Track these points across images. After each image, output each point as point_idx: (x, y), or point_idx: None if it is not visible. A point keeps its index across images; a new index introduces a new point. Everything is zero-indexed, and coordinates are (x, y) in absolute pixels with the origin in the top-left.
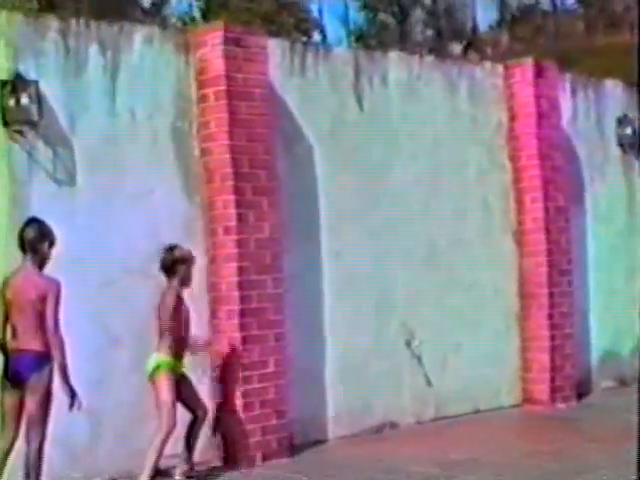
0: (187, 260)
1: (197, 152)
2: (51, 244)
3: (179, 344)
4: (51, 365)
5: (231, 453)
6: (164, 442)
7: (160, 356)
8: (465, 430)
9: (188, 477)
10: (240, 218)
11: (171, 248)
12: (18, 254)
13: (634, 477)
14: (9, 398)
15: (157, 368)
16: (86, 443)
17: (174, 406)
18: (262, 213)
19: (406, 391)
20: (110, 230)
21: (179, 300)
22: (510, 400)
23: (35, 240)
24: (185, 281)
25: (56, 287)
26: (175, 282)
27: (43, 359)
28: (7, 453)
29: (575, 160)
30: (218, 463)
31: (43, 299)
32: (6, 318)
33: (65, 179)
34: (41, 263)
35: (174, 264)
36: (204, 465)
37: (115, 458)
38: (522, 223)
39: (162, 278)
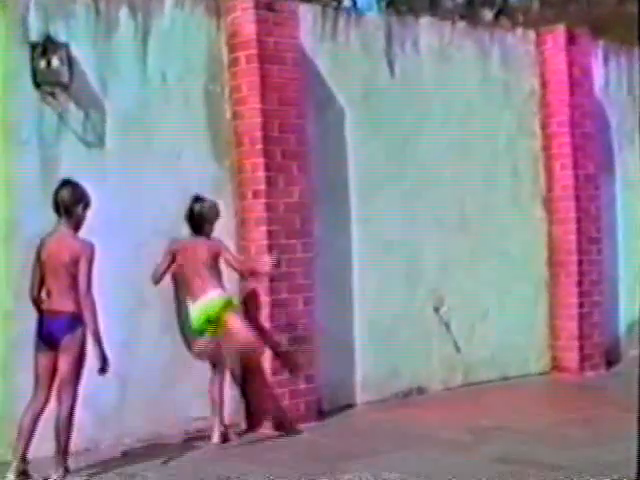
0: (208, 213)
1: (228, 115)
2: (86, 206)
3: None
4: (84, 327)
5: (259, 416)
6: (242, 346)
7: (222, 295)
8: (493, 397)
9: (224, 440)
10: (269, 182)
11: (198, 199)
12: (51, 216)
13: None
14: (43, 359)
15: (226, 306)
16: (115, 405)
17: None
18: (292, 177)
19: (434, 357)
20: (140, 192)
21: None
22: (538, 367)
23: (70, 202)
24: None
25: (90, 249)
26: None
27: (76, 320)
28: (39, 414)
29: (606, 128)
30: (245, 426)
31: (77, 261)
32: (41, 279)
33: (96, 141)
34: (76, 225)
35: (201, 218)
36: (233, 427)
37: (144, 421)
38: (551, 190)
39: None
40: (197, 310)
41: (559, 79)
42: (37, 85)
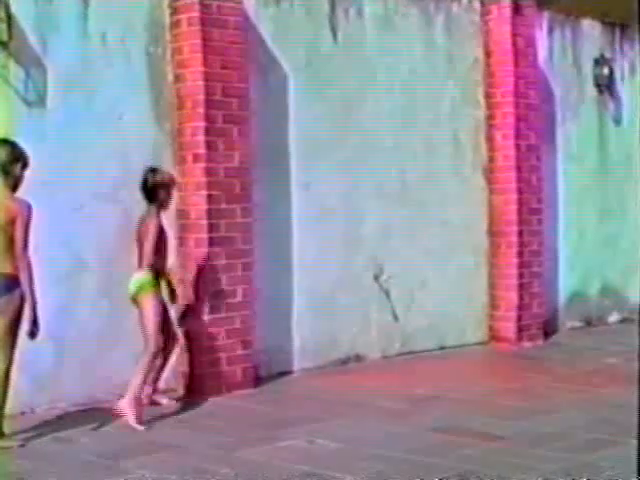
0: (168, 184)
1: (170, 78)
2: (24, 166)
3: (160, 268)
4: (21, 289)
5: (196, 382)
6: (150, 363)
7: (144, 276)
8: (431, 366)
9: (152, 403)
10: (209, 146)
11: (151, 170)
12: None
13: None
14: None
15: (141, 288)
16: (51, 369)
17: (159, 328)
18: (232, 141)
19: (373, 325)
20: (79, 154)
21: (160, 224)
22: (476, 337)
23: (7, 161)
24: (164, 205)
25: (27, 210)
26: (155, 206)
27: (13, 282)
28: None
29: (550, 99)
30: (183, 391)
31: (13, 222)
32: None
33: (36, 100)
34: (14, 185)
35: (155, 188)
36: (169, 393)
37: (81, 385)
38: (493, 160)
39: (130, 204)
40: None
41: (503, 49)
42: None
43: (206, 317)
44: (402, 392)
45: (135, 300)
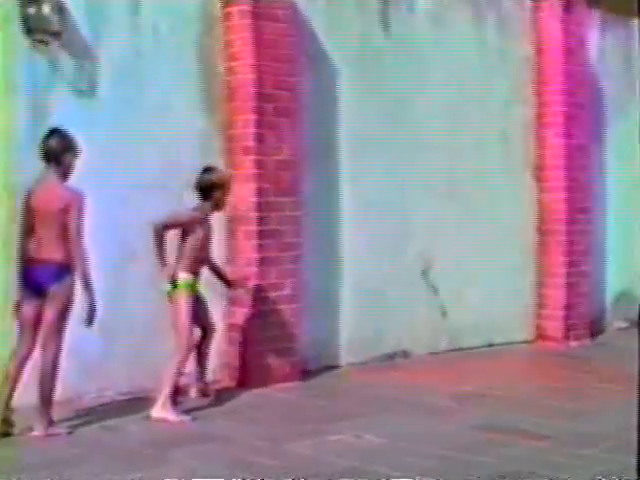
0: (222, 186)
1: (221, 70)
2: (75, 155)
3: (199, 264)
4: (72, 277)
5: (243, 374)
6: (182, 363)
7: (181, 276)
8: (477, 363)
9: (203, 395)
10: (259, 139)
11: (209, 169)
12: (40, 164)
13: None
14: (28, 307)
15: (177, 288)
16: (99, 357)
17: (192, 329)
18: (282, 134)
19: (420, 321)
20: (129, 144)
21: (205, 221)
22: (523, 335)
23: (59, 151)
24: (219, 205)
25: (80, 199)
26: (208, 205)
27: (65, 270)
28: (24, 362)
29: (599, 98)
30: (231, 383)
31: (67, 211)
32: (30, 228)
33: (87, 90)
34: (65, 174)
35: (211, 188)
36: (216, 385)
37: (127, 373)
38: (542, 159)
39: (179, 194)
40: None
41: (554, 47)
42: (28, 32)
43: (254, 309)
44: (448, 389)
45: (170, 297)
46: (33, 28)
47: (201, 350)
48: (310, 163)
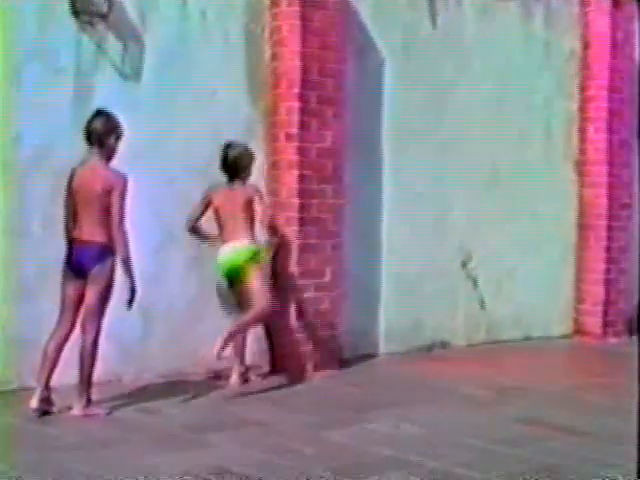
0: (246, 159)
1: (267, 56)
2: (118, 137)
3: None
4: (113, 258)
5: (282, 361)
6: (253, 320)
7: (248, 246)
8: (516, 356)
9: (244, 381)
10: (303, 126)
11: (229, 145)
12: (83, 145)
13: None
14: (70, 287)
15: (250, 259)
16: (139, 340)
17: (268, 291)
18: (326, 122)
19: (459, 312)
20: (173, 128)
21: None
22: (561, 330)
23: (103, 132)
24: (244, 179)
25: (123, 181)
26: (239, 180)
27: (106, 251)
28: (63, 342)
29: None
30: (269, 369)
31: (109, 192)
32: (73, 209)
33: (132, 74)
34: (108, 156)
35: (236, 163)
36: (255, 369)
37: (167, 356)
38: (584, 153)
39: (221, 179)
40: (224, 255)
41: (601, 42)
42: (75, 14)
43: (294, 296)
44: (487, 381)
45: (236, 270)
46: (80, 10)
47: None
48: (353, 152)
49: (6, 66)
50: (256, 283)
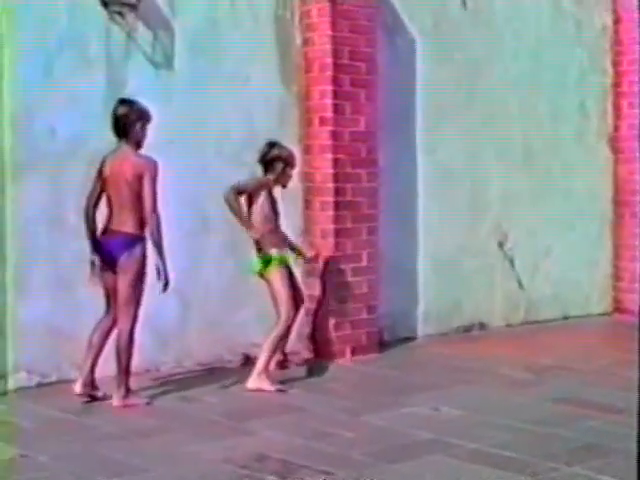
0: (285, 160)
1: (298, 41)
2: (145, 124)
3: (279, 237)
4: (144, 246)
5: (320, 346)
6: (281, 338)
7: (268, 254)
8: (554, 336)
9: (282, 367)
10: (336, 109)
11: (271, 144)
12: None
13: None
14: (107, 277)
15: (268, 265)
16: (176, 328)
17: (291, 298)
18: (359, 105)
19: (497, 292)
20: (206, 114)
21: (271, 196)
22: (600, 308)
23: (128, 120)
24: (281, 180)
25: (153, 166)
26: (270, 177)
27: (135, 239)
28: (108, 332)
29: None
30: (307, 354)
31: (140, 178)
32: (99, 196)
33: (163, 62)
34: (137, 143)
35: (272, 161)
36: (294, 355)
37: (205, 343)
38: (618, 129)
39: (255, 165)
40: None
41: (632, 16)
42: (105, 4)
43: (332, 281)
44: (525, 361)
45: (262, 276)
46: (110, 0)
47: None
48: (386, 134)
49: (37, 57)
50: (277, 285)
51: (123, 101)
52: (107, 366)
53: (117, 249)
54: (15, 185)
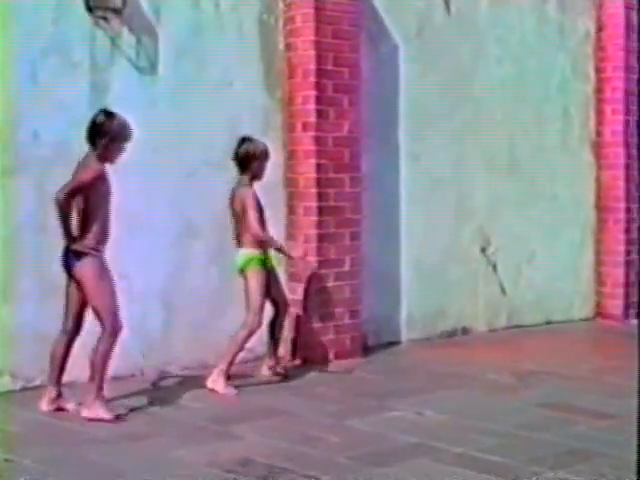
0: (259, 157)
1: (281, 46)
2: (112, 140)
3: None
4: (90, 255)
5: (304, 350)
6: (246, 339)
7: (249, 251)
8: (538, 340)
9: (275, 373)
10: (320, 114)
11: (243, 140)
12: None
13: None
14: (70, 289)
15: (247, 263)
16: (161, 333)
17: (262, 306)
18: (342, 111)
19: (480, 298)
20: (190, 121)
21: (255, 194)
22: (583, 313)
23: (93, 134)
24: (257, 175)
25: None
26: (247, 176)
27: (77, 252)
28: (68, 343)
29: None
30: (291, 359)
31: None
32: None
33: (147, 67)
34: (101, 156)
35: (247, 159)
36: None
37: (189, 348)
38: (601, 135)
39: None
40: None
41: (615, 23)
42: (89, 9)
43: (314, 286)
44: (509, 366)
45: (242, 275)
46: (94, 5)
47: (275, 326)
48: (370, 140)
49: (22, 62)
50: (252, 289)
51: (100, 112)
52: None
53: (68, 263)
54: (0, 190)
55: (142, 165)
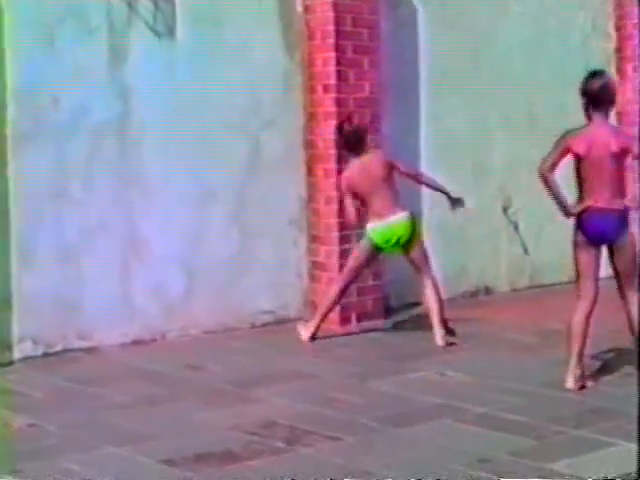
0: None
1: (300, 8)
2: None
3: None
4: None
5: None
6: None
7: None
8: (560, 300)
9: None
10: (340, 76)
11: (348, 119)
12: (119, 105)
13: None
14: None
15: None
16: (182, 296)
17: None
18: (362, 72)
19: (502, 257)
20: (209, 84)
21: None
22: (606, 271)
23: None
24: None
25: None
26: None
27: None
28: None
29: None
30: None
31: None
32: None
33: (165, 31)
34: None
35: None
36: (300, 322)
37: (211, 312)
38: (622, 93)
39: (259, 134)
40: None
41: None
42: None
43: (337, 247)
44: (532, 326)
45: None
46: None
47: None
48: (390, 101)
49: (39, 27)
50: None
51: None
52: None
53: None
54: (19, 156)
55: (159, 129)
